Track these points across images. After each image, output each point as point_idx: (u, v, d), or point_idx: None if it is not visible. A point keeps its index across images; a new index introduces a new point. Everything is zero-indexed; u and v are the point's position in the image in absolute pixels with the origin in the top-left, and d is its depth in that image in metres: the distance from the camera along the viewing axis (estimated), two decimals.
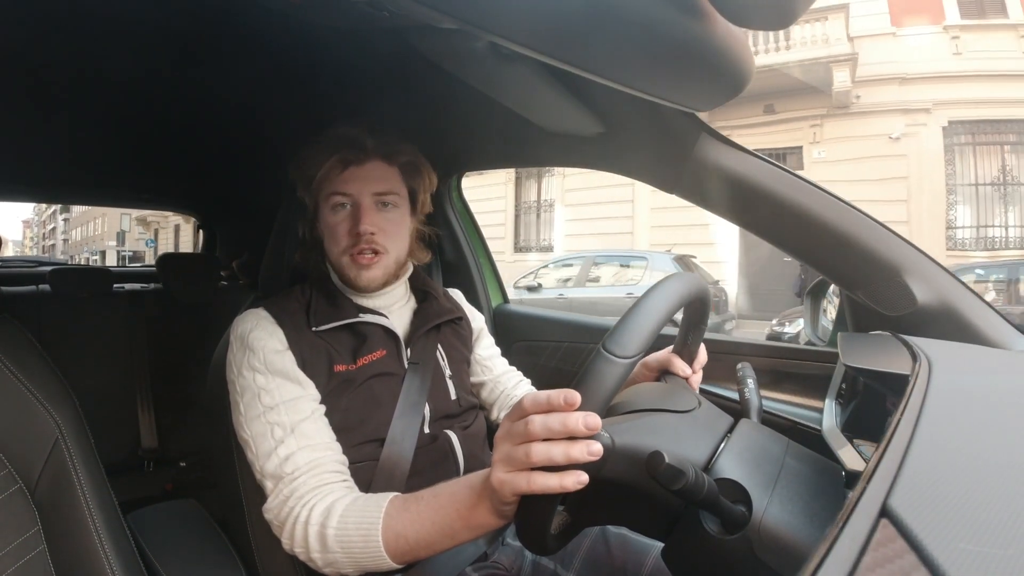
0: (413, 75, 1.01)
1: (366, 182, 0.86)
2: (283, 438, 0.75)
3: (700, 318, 0.73)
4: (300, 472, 0.73)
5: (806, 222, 0.86)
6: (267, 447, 0.75)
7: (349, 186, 0.86)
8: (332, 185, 0.86)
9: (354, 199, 0.86)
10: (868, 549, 0.28)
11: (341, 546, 0.68)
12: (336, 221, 0.87)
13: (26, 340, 0.73)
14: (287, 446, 0.74)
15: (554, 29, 0.55)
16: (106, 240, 29.23)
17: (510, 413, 0.56)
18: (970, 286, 0.84)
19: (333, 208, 0.87)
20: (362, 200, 0.86)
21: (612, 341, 0.53)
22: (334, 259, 0.88)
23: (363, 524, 0.67)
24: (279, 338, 0.81)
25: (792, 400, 1.08)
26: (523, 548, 0.91)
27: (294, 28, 0.83)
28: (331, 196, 0.86)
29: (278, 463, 0.74)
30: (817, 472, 0.61)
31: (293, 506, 0.72)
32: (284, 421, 0.76)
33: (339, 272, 0.89)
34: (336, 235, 0.87)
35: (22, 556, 0.64)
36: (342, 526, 0.68)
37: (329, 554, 0.69)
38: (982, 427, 0.46)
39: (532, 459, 0.52)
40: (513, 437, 0.54)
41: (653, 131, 0.94)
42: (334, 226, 0.87)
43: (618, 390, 0.52)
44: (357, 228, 0.85)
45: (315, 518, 0.69)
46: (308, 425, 0.77)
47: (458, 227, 1.52)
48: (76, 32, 0.94)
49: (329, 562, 0.69)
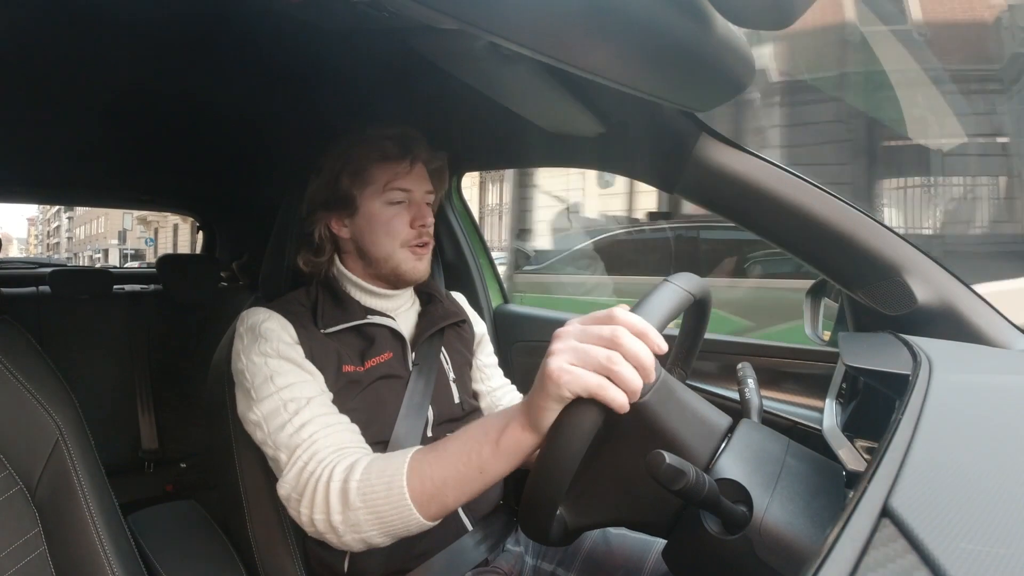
0: (413, 75, 1.01)
1: (420, 180, 0.91)
2: (298, 409, 0.73)
3: (701, 319, 0.73)
4: (319, 436, 0.71)
5: (806, 222, 0.86)
6: (280, 420, 0.73)
7: (410, 182, 0.89)
8: (396, 180, 0.88)
9: (412, 195, 0.89)
10: (869, 549, 0.28)
11: (364, 500, 0.64)
12: (393, 214, 0.88)
13: (26, 341, 0.73)
14: (302, 416, 0.72)
15: (554, 29, 0.55)
16: (108, 239, 29.41)
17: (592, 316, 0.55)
18: (971, 286, 0.84)
19: (390, 203, 0.88)
20: (419, 196, 0.90)
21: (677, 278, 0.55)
22: (386, 253, 0.88)
23: (387, 471, 0.64)
24: (290, 332, 0.81)
25: (792, 400, 1.08)
26: (523, 553, 0.91)
27: (294, 29, 0.83)
28: (392, 191, 0.88)
29: (293, 431, 0.71)
30: (818, 472, 0.61)
31: (313, 469, 0.69)
32: (298, 396, 0.75)
33: (392, 265, 0.88)
34: (393, 228, 0.88)
35: (23, 557, 0.64)
36: (365, 478, 0.65)
37: (351, 512, 0.65)
38: (983, 427, 0.46)
39: (614, 365, 0.51)
40: (590, 336, 0.53)
41: (653, 131, 0.94)
42: (390, 219, 0.88)
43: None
44: (421, 220, 0.88)
45: (337, 474, 0.66)
46: (322, 400, 0.76)
47: (458, 228, 1.52)
48: (76, 33, 0.94)
49: (352, 524, 0.65)
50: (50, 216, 39.78)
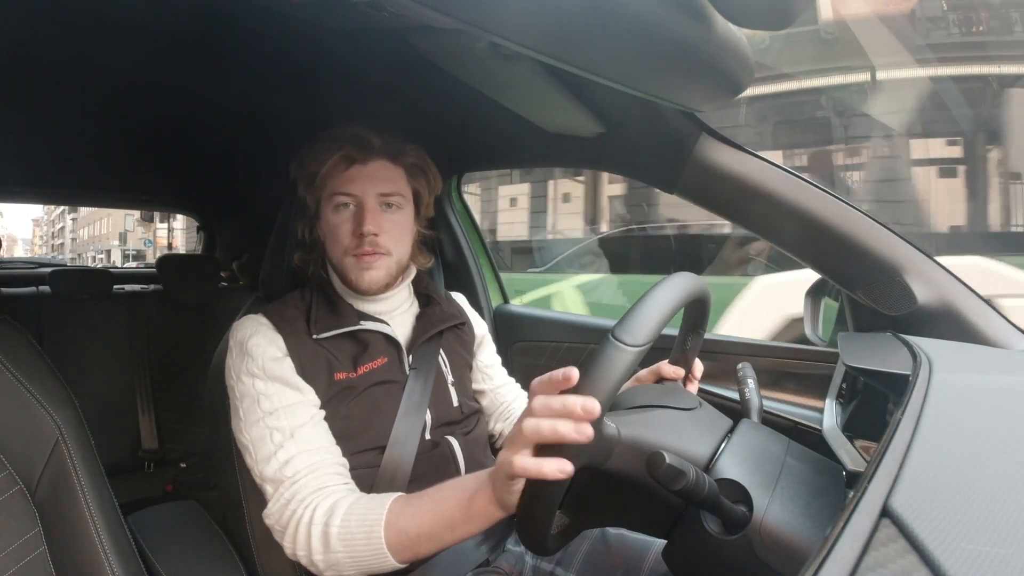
0: (413, 75, 1.01)
1: (370, 182, 0.84)
2: (282, 442, 0.74)
3: (700, 320, 0.73)
4: (300, 475, 0.73)
5: (806, 222, 0.86)
6: (266, 452, 0.75)
7: (353, 186, 0.84)
8: (335, 184, 0.84)
9: (358, 199, 0.84)
10: (869, 549, 0.28)
11: (344, 545, 0.67)
12: (338, 221, 0.84)
13: (26, 341, 0.73)
14: (287, 450, 0.74)
15: (554, 29, 0.55)
16: (111, 240, 29.55)
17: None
18: (971, 286, 0.84)
19: (336, 208, 0.85)
20: (366, 200, 0.84)
21: (621, 329, 0.52)
22: (336, 260, 0.87)
23: (366, 521, 0.67)
24: (278, 345, 0.81)
25: (792, 400, 1.08)
26: (523, 553, 0.91)
27: (294, 28, 0.83)
28: (334, 196, 0.84)
29: (278, 467, 0.73)
30: (818, 472, 0.61)
31: (295, 508, 0.71)
32: (283, 426, 0.75)
33: (341, 274, 0.87)
34: (338, 235, 0.85)
35: (23, 557, 0.64)
36: (345, 524, 0.68)
37: (332, 555, 0.68)
38: (983, 427, 0.46)
39: (524, 434, 0.52)
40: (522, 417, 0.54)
41: (653, 131, 0.94)
42: (336, 226, 0.85)
43: (626, 379, 0.52)
44: (360, 228, 0.83)
45: (318, 518, 0.69)
46: (307, 430, 0.76)
47: (458, 228, 1.51)
48: (77, 33, 0.94)
49: (331, 564, 0.69)
50: (54, 217, 39.92)
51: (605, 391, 0.50)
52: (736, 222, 0.94)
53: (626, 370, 0.51)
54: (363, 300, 0.90)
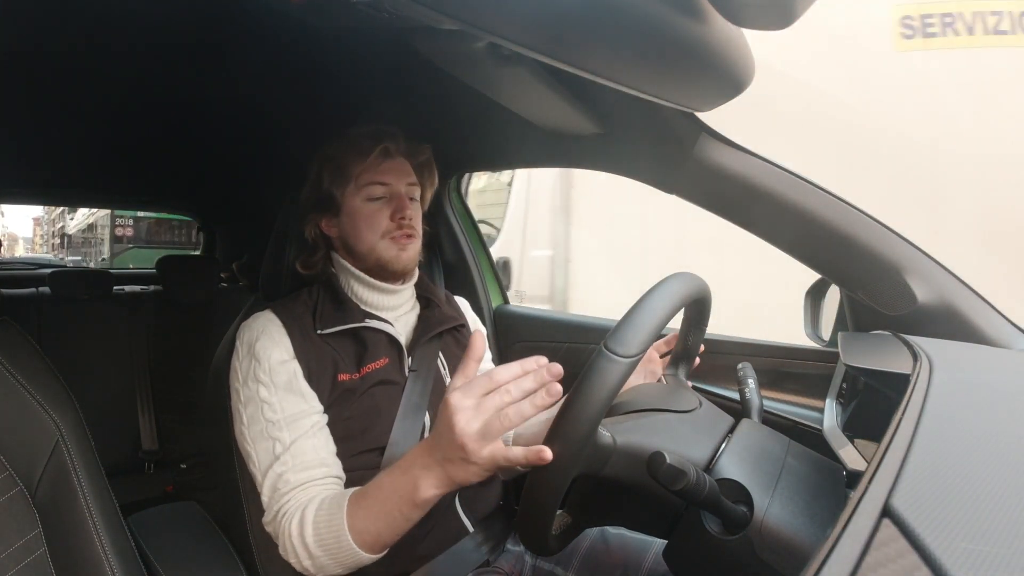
0: (413, 76, 1.01)
1: (401, 174, 0.91)
2: (280, 454, 0.76)
3: (700, 318, 0.73)
4: (291, 489, 0.75)
5: (806, 222, 0.86)
6: (267, 460, 0.77)
7: (388, 176, 0.89)
8: (372, 175, 0.88)
9: (393, 188, 0.89)
10: (870, 549, 0.28)
11: (322, 550, 0.70)
12: (374, 209, 0.89)
13: (26, 342, 0.73)
14: (283, 463, 0.76)
15: (554, 29, 0.55)
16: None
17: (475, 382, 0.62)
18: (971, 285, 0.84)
19: (370, 198, 0.89)
20: (400, 189, 0.90)
21: (614, 340, 0.53)
22: (368, 246, 0.88)
23: (332, 526, 0.70)
24: (285, 347, 0.81)
25: (793, 400, 1.07)
26: (523, 553, 0.91)
27: (294, 29, 0.83)
28: (370, 186, 0.88)
29: (274, 480, 0.76)
30: (818, 472, 0.61)
31: (281, 520, 0.74)
32: (284, 438, 0.77)
33: (375, 257, 0.89)
34: (374, 221, 0.88)
35: (23, 558, 0.64)
36: (316, 531, 0.70)
37: (315, 559, 0.71)
38: (983, 426, 0.46)
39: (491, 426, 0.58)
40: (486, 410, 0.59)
41: (653, 131, 0.94)
42: (371, 214, 0.88)
43: (620, 389, 0.52)
44: (401, 213, 0.88)
45: (294, 528, 0.72)
46: (306, 441, 0.78)
47: (458, 228, 1.51)
48: (77, 34, 0.94)
49: (320, 567, 0.72)
50: (55, 216, 40.05)
51: (598, 403, 0.51)
52: (736, 222, 0.94)
53: (619, 382, 0.52)
54: (368, 291, 0.91)
